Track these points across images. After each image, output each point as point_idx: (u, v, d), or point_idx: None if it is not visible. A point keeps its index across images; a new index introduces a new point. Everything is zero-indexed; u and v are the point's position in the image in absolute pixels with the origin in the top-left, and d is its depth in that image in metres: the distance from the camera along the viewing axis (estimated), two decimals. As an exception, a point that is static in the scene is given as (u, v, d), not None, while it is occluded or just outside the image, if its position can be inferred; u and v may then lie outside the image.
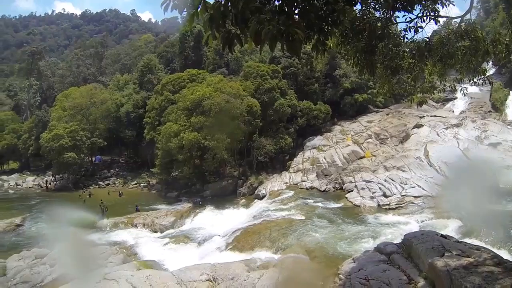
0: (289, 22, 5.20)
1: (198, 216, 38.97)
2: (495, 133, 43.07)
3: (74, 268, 19.17)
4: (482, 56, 10.78)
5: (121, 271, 18.62)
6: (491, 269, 10.39)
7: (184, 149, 45.51)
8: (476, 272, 10.26)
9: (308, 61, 58.40)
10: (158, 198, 51.54)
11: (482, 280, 9.73)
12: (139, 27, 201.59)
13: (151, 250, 29.24)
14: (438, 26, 11.83)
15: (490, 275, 9.98)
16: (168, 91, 57.11)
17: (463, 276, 10.11)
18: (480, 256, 11.44)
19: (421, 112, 51.96)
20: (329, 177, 43.22)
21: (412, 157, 40.78)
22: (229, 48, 5.66)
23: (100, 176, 66.04)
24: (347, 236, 25.25)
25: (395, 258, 14.46)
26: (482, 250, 12.33)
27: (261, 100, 50.92)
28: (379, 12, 10.42)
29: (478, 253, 11.81)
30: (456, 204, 28.93)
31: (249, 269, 18.84)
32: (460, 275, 10.24)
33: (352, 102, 58.26)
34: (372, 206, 33.29)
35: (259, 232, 28.31)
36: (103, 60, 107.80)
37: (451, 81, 12.66)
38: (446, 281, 10.58)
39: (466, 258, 11.39)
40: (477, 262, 10.99)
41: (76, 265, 19.39)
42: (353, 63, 10.73)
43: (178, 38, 78.92)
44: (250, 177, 49.03)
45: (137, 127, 63.04)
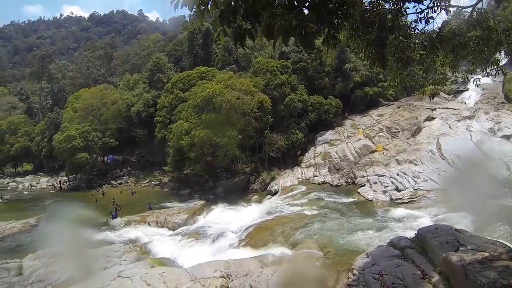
0: (301, 16, 5.18)
1: (210, 213, 38.99)
2: (508, 124, 42.19)
3: (81, 267, 19.32)
4: (494, 46, 10.71)
5: (135, 269, 18.78)
6: (507, 264, 10.33)
7: (196, 146, 45.62)
8: (492, 267, 10.22)
9: (318, 55, 58.22)
10: (171, 196, 51.67)
11: (498, 275, 9.70)
12: (147, 26, 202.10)
13: (165, 247, 29.29)
14: (449, 17, 11.72)
15: (505, 270, 9.94)
16: (178, 89, 57.23)
17: (478, 271, 10.07)
18: (496, 251, 11.36)
19: (433, 105, 51.45)
20: (341, 171, 43.02)
21: (424, 150, 40.38)
22: (240, 44, 5.66)
23: (113, 176, 66.46)
24: (360, 231, 25.02)
25: (409, 253, 14.41)
26: (497, 244, 12.25)
27: (271, 96, 50.89)
28: (389, 3, 10.37)
29: (493, 247, 11.73)
30: (469, 198, 28.83)
31: (263, 265, 18.89)
32: (475, 270, 10.20)
33: (363, 95, 58.04)
34: (385, 200, 33.05)
35: (271, 228, 28.25)
36: (112, 61, 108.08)
37: (463, 72, 12.56)
38: (461, 276, 10.55)
39: (481, 253, 11.32)
40: (492, 257, 10.92)
41: (83, 264, 19.55)
42: (364, 56, 10.66)
43: (187, 36, 78.84)
44: (262, 173, 49.06)
45: (148, 126, 63.22)
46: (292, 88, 53.16)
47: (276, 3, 5.43)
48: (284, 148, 50.93)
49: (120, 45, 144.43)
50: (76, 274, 19.02)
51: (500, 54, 14.78)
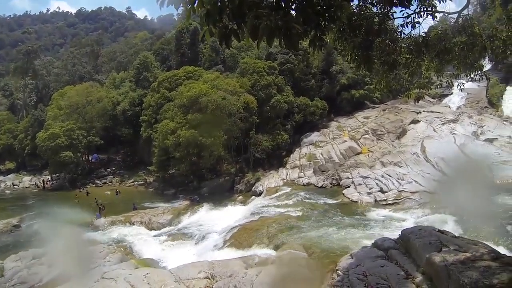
0: (286, 17, 5.17)
1: (195, 214, 38.89)
2: (491, 128, 43.18)
3: (73, 267, 19.09)
4: (479, 51, 10.90)
5: (119, 270, 18.65)
6: (489, 264, 10.52)
7: (181, 146, 45.43)
8: (474, 267, 10.39)
9: (305, 57, 58.36)
10: (155, 196, 51.43)
11: (480, 275, 9.86)
12: (134, 24, 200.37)
13: (149, 248, 29.21)
14: (435, 22, 11.88)
15: (487, 270, 10.11)
16: (165, 88, 56.92)
17: (461, 271, 10.24)
18: (478, 251, 11.57)
19: (418, 108, 52.04)
20: (326, 173, 43.28)
21: (409, 153, 40.83)
22: (226, 44, 5.66)
23: (97, 175, 65.67)
24: (345, 232, 25.20)
25: (393, 254, 14.53)
26: (479, 245, 12.45)
27: (257, 97, 50.87)
28: (376, 7, 10.49)
29: (476, 248, 11.94)
30: (453, 199, 29.15)
31: (247, 266, 18.86)
32: (458, 270, 10.38)
33: (349, 98, 58.31)
34: (369, 201, 33.33)
35: (256, 229, 28.25)
36: (98, 58, 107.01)
37: (448, 77, 12.73)
38: (444, 276, 10.73)
39: (464, 253, 11.55)
40: (475, 257, 11.13)
41: (75, 264, 19.32)
42: (350, 58, 10.81)
43: (174, 35, 78.48)
44: (247, 174, 49.04)
45: (134, 125, 62.78)
46: (278, 89, 53.20)
47: (263, 4, 5.42)
48: (269, 149, 50.96)
49: (107, 43, 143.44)
50: (70, 272, 18.73)
51: (484, 60, 15.01)
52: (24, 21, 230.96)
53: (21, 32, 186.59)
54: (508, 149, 38.57)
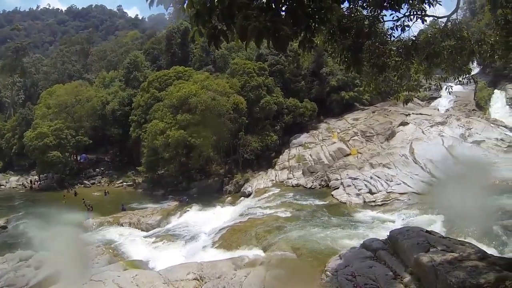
0: (276, 19, 5.16)
1: (184, 215, 38.83)
2: (478, 131, 43.81)
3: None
4: (467, 55, 11.04)
5: (108, 271, 18.52)
6: (476, 264, 10.68)
7: (170, 147, 45.25)
8: (461, 267, 10.54)
9: (295, 58, 58.49)
10: (144, 196, 51.16)
11: (467, 274, 10.01)
12: (125, 23, 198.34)
13: (138, 249, 29.04)
14: (425, 26, 11.98)
15: (474, 270, 10.26)
16: (154, 88, 56.67)
17: (448, 271, 10.39)
18: (465, 251, 11.77)
19: (407, 110, 52.43)
20: (315, 174, 43.37)
21: (397, 155, 41.16)
22: (215, 44, 5.64)
23: (86, 175, 65.12)
24: (333, 233, 25.28)
25: (381, 254, 14.65)
26: (466, 245, 12.71)
27: (247, 98, 50.88)
28: (367, 10, 10.54)
29: (463, 248, 12.17)
30: (442, 200, 29.47)
31: (236, 267, 18.85)
32: (445, 270, 10.53)
33: (339, 99, 58.55)
34: (358, 203, 33.45)
35: (245, 230, 28.28)
36: (88, 57, 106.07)
37: (436, 80, 12.86)
38: (432, 276, 10.89)
39: (451, 253, 11.73)
40: (462, 257, 11.31)
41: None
42: (340, 60, 10.86)
43: (165, 35, 78.22)
44: (236, 175, 49.07)
45: (123, 125, 62.12)
46: (268, 90, 53.26)
47: (253, 5, 5.41)
48: (259, 150, 51.01)
49: (97, 41, 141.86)
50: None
51: (473, 63, 15.17)
52: (14, 17, 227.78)
53: (10, 28, 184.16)
54: (495, 151, 39.33)
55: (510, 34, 10.69)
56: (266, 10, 5.37)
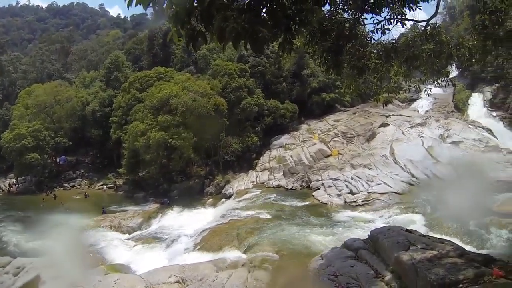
0: (254, 20, 5.14)
1: (165, 217, 38.76)
2: (457, 131, 44.71)
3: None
4: (445, 58, 11.27)
5: (89, 276, 18.30)
6: (454, 261, 10.99)
7: (151, 148, 44.93)
8: (440, 264, 10.83)
9: (276, 60, 58.70)
10: (125, 199, 50.78)
11: (446, 271, 10.29)
12: (107, 22, 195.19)
13: (119, 253, 28.88)
14: (406, 29, 12.14)
15: (453, 267, 10.56)
16: (135, 89, 56.29)
17: (428, 268, 10.65)
18: (444, 249, 12.11)
19: (387, 112, 53.03)
20: (296, 175, 43.56)
21: (378, 155, 41.68)
22: (193, 46, 5.60)
23: (65, 178, 63.93)
24: (315, 234, 25.44)
25: (362, 254, 14.80)
26: (445, 242, 13.06)
27: (228, 99, 50.88)
28: (348, 13, 10.60)
29: (442, 245, 12.49)
30: (421, 199, 30.07)
31: (218, 269, 18.85)
32: (425, 267, 10.79)
33: (320, 101, 58.85)
34: (339, 203, 33.69)
35: (226, 231, 28.28)
36: (69, 56, 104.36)
37: (416, 82, 13.05)
38: (412, 274, 11.14)
39: (430, 251, 12.01)
40: (441, 255, 11.63)
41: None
42: (320, 62, 10.93)
43: (147, 35, 77.67)
44: (217, 176, 48.95)
45: (103, 126, 61.47)
46: (249, 91, 53.37)
47: (233, 6, 5.38)
48: (239, 152, 51.16)
49: (78, 40, 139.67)
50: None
51: (451, 67, 15.56)
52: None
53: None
54: (473, 152, 40.17)
55: (487, 39, 10.99)
56: (246, 12, 5.35)
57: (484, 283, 9.63)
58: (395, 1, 10.46)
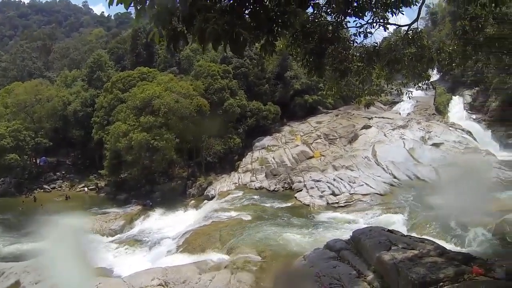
0: (234, 22, 5.14)
1: (148, 219, 38.68)
2: (438, 134, 45.78)
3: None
4: (427, 62, 11.48)
5: (70, 280, 18.10)
6: (435, 260, 11.07)
7: (133, 149, 44.54)
8: (421, 263, 10.89)
9: (259, 61, 58.77)
10: (107, 201, 50.15)
11: (427, 270, 10.35)
12: (91, 20, 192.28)
13: (101, 256, 28.47)
14: (388, 33, 12.32)
15: (434, 265, 10.64)
16: (118, 89, 55.78)
17: (409, 268, 10.70)
18: (424, 248, 12.22)
19: (370, 114, 53.63)
20: (278, 177, 43.60)
21: (360, 157, 42.16)
22: (174, 47, 5.57)
23: (46, 179, 62.62)
24: (297, 235, 25.56)
25: (345, 254, 14.85)
26: (426, 242, 13.16)
27: (210, 100, 50.87)
28: (331, 16, 10.67)
29: (423, 245, 12.59)
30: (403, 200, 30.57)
31: (201, 271, 18.84)
32: (406, 266, 10.84)
33: (302, 103, 59.16)
34: (321, 204, 33.83)
35: (209, 233, 28.21)
36: (50, 54, 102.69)
37: (397, 85, 13.23)
38: (394, 273, 11.19)
39: (411, 251, 12.10)
40: (422, 254, 11.71)
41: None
42: (302, 64, 11.02)
43: (131, 34, 76.84)
44: (199, 178, 48.83)
45: (85, 126, 60.59)
46: (232, 93, 53.40)
47: (216, 7, 5.37)
48: (222, 153, 51.24)
49: (60, 37, 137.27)
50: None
51: (433, 71, 15.86)
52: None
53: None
54: (453, 153, 41.16)
55: (467, 44, 11.31)
56: (227, 13, 5.34)
57: (464, 281, 9.76)
58: (378, 5, 10.56)
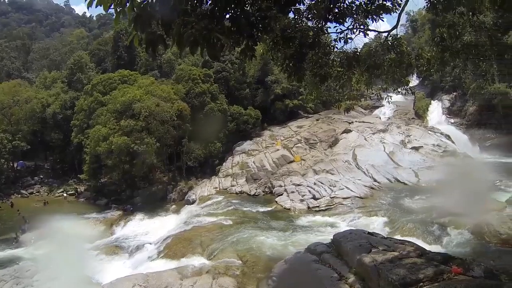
0: (212, 27, 5.14)
1: (128, 224, 38.29)
2: (417, 137, 46.72)
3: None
4: (406, 68, 11.78)
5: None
6: (415, 261, 11.34)
7: (113, 153, 44.08)
8: (401, 265, 11.16)
9: (241, 66, 58.94)
10: (87, 206, 49.16)
11: (407, 271, 10.58)
12: (72, 20, 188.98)
13: (81, 263, 28.06)
14: (369, 39, 12.51)
15: (413, 266, 10.89)
16: (98, 92, 54.98)
17: (389, 269, 10.93)
18: (404, 250, 12.53)
19: (350, 118, 54.28)
20: (258, 181, 43.70)
21: (340, 161, 42.47)
22: (152, 50, 5.54)
23: (23, 184, 61.12)
24: (278, 239, 25.60)
25: (326, 257, 14.95)
26: (406, 243, 13.46)
27: (191, 104, 50.79)
28: (312, 22, 10.76)
29: (402, 246, 12.91)
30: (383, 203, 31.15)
31: (182, 277, 18.79)
32: (386, 268, 11.06)
33: (283, 107, 59.51)
34: (302, 208, 33.87)
35: (190, 238, 27.99)
36: (30, 54, 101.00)
37: (377, 90, 13.42)
38: (374, 275, 11.37)
39: (392, 252, 12.37)
40: (402, 255, 11.99)
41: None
42: (282, 69, 11.07)
43: (112, 36, 75.81)
44: (180, 183, 48.54)
45: (64, 129, 59.75)
46: (212, 97, 53.34)
47: (197, 12, 5.37)
48: (202, 157, 51.06)
49: (40, 37, 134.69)
50: None
51: (412, 76, 16.21)
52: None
53: None
54: (432, 156, 42.23)
55: (445, 51, 11.62)
56: (206, 18, 5.34)
57: (443, 280, 10.02)
58: (358, 12, 10.74)
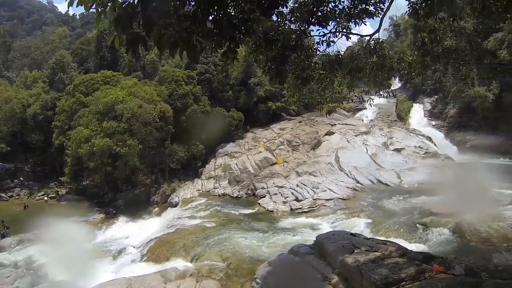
0: (193, 29, 5.14)
1: (111, 227, 37.90)
2: (399, 139, 47.29)
3: None
4: (387, 71, 11.92)
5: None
6: (397, 260, 11.62)
7: (95, 155, 43.48)
8: (383, 265, 11.42)
9: (224, 68, 58.92)
10: (68, 209, 48.32)
11: (389, 271, 10.85)
12: (54, 18, 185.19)
13: (63, 268, 27.66)
14: (352, 43, 12.63)
15: (395, 266, 11.16)
16: (81, 92, 54.40)
17: (372, 269, 11.20)
18: (387, 250, 12.78)
19: (333, 120, 54.63)
20: (241, 183, 43.71)
21: (323, 163, 42.75)
22: (133, 52, 5.51)
23: (2, 187, 59.65)
24: (261, 241, 25.63)
25: (309, 259, 15.12)
26: (388, 244, 13.74)
27: (174, 106, 50.54)
28: (295, 24, 10.81)
29: (385, 247, 13.17)
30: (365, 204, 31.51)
31: (166, 280, 18.68)
32: (369, 268, 11.32)
33: (266, 109, 59.75)
34: (285, 210, 34.00)
35: (173, 241, 27.86)
36: (10, 52, 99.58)
37: (359, 92, 13.55)
38: (357, 275, 11.62)
39: (374, 253, 12.62)
40: (384, 255, 12.26)
41: None
42: (263, 71, 11.13)
43: (95, 36, 74.66)
44: (162, 185, 48.17)
45: (45, 131, 58.94)
46: (195, 99, 53.22)
47: (180, 13, 5.36)
48: (185, 160, 50.94)
49: (21, 35, 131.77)
50: None
51: (395, 79, 16.41)
52: None
53: None
54: (414, 158, 42.87)
55: (425, 55, 11.86)
56: (190, 19, 5.33)
57: (425, 279, 10.22)
58: (341, 16, 10.86)
